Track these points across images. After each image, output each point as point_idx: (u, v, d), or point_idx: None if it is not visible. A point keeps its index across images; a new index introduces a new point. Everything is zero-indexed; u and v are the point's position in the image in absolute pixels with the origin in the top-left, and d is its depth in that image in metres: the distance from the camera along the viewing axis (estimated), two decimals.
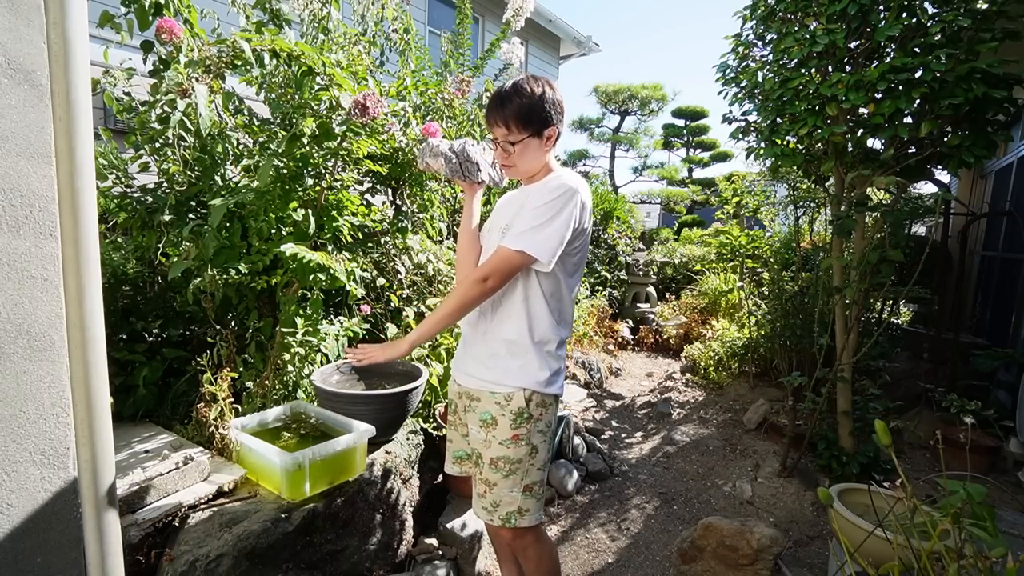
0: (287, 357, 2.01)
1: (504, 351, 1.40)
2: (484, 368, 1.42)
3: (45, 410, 0.98)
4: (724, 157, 14.17)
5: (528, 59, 9.15)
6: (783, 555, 2.01)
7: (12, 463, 0.94)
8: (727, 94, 2.91)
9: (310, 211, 2.00)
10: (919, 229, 5.26)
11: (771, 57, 2.65)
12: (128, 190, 2.03)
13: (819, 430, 2.81)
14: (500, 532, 1.51)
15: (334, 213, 2.16)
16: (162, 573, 1.32)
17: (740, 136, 2.96)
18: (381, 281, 2.44)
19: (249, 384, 1.95)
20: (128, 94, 1.86)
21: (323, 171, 2.13)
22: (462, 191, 3.31)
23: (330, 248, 2.14)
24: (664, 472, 3.02)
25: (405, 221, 2.62)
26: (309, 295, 2.07)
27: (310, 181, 2.07)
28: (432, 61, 3.02)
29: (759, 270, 4.58)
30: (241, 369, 1.94)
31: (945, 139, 2.21)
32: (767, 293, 4.28)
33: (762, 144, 2.79)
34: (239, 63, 1.81)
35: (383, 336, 2.36)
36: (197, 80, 1.69)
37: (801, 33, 2.37)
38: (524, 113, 1.33)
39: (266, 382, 1.96)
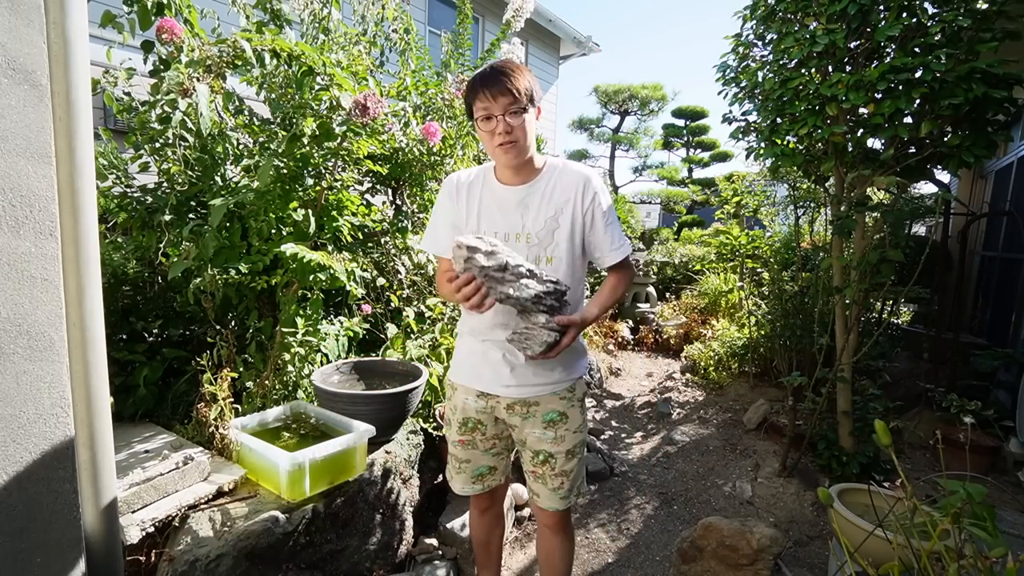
0: (287, 357, 2.01)
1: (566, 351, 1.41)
2: (544, 372, 1.43)
3: (45, 410, 0.98)
4: (724, 157, 14.17)
5: (528, 59, 9.15)
6: (783, 555, 2.01)
7: (12, 463, 0.94)
8: (727, 94, 2.91)
9: (310, 211, 2.00)
10: (919, 229, 5.25)
11: (771, 57, 2.65)
12: (128, 190, 2.03)
13: (819, 430, 2.81)
14: (549, 517, 1.53)
15: (334, 213, 2.16)
16: (162, 573, 1.32)
17: (740, 136, 2.96)
18: (381, 281, 2.44)
19: (249, 384, 1.95)
20: (128, 94, 1.86)
21: (323, 171, 2.13)
22: None
23: (330, 248, 2.14)
24: (664, 472, 3.02)
25: (405, 221, 2.62)
26: (309, 295, 2.07)
27: (310, 181, 2.07)
28: (432, 61, 3.02)
29: (759, 270, 4.57)
30: (241, 369, 1.94)
31: (945, 139, 2.21)
32: (767, 293, 4.28)
33: (762, 144, 2.78)
34: (240, 63, 1.81)
35: (383, 336, 2.36)
36: (198, 80, 1.69)
37: (801, 33, 2.37)
38: (526, 82, 1.31)
39: (266, 382, 1.96)
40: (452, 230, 1.48)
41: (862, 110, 2.36)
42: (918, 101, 2.17)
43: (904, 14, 2.18)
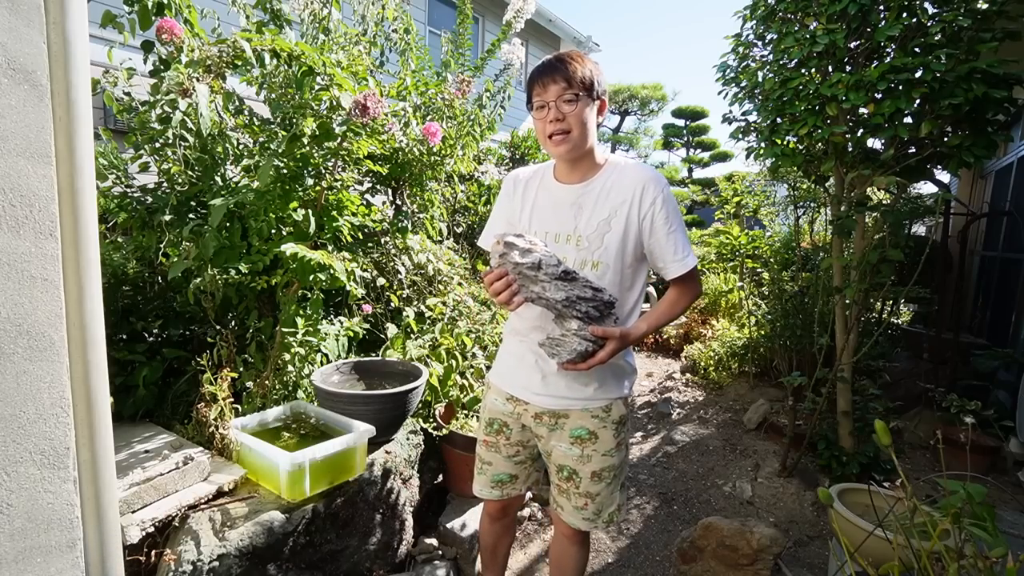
0: (287, 357, 2.01)
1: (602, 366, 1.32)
2: (577, 386, 1.36)
3: (45, 410, 0.98)
4: (724, 157, 14.18)
5: (528, 59, 9.14)
6: (783, 555, 2.01)
7: (12, 463, 0.94)
8: (727, 94, 2.91)
9: (310, 211, 2.00)
10: (919, 229, 5.25)
11: (771, 57, 2.65)
12: (128, 190, 2.03)
13: (819, 430, 2.81)
14: (568, 529, 1.48)
15: (334, 213, 2.16)
16: (162, 573, 1.32)
17: (740, 136, 2.96)
18: (381, 281, 2.44)
19: (249, 384, 1.95)
20: (128, 94, 1.86)
21: (323, 171, 2.13)
22: (462, 190, 3.30)
23: (330, 248, 2.14)
24: (664, 472, 3.02)
25: (405, 221, 2.62)
26: (309, 295, 2.07)
27: (310, 181, 2.07)
28: (432, 61, 3.02)
29: (759, 270, 4.57)
30: (241, 369, 1.94)
31: (945, 139, 2.21)
32: (767, 293, 4.28)
33: (762, 144, 2.78)
34: (240, 63, 1.81)
35: (383, 336, 2.36)
36: (198, 80, 1.69)
37: (801, 33, 2.37)
38: (585, 71, 1.23)
39: (266, 382, 1.96)
40: (508, 227, 1.44)
41: (862, 110, 2.36)
42: (918, 101, 2.17)
43: (904, 14, 2.18)
